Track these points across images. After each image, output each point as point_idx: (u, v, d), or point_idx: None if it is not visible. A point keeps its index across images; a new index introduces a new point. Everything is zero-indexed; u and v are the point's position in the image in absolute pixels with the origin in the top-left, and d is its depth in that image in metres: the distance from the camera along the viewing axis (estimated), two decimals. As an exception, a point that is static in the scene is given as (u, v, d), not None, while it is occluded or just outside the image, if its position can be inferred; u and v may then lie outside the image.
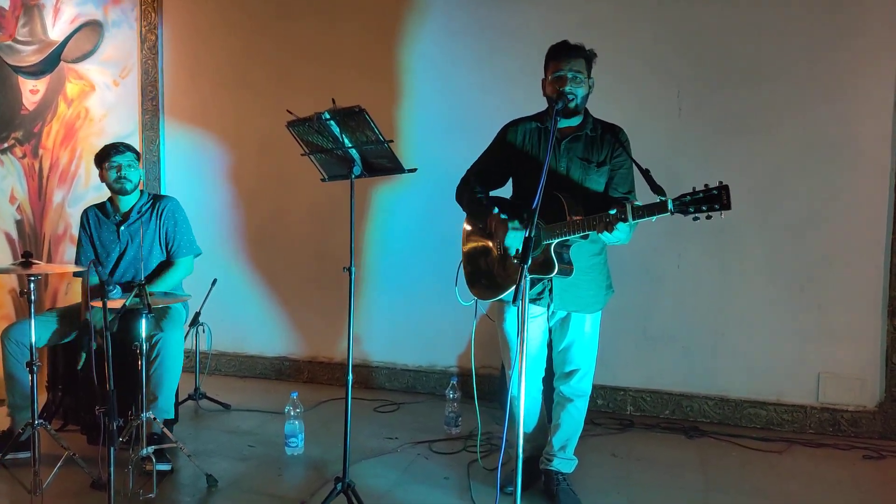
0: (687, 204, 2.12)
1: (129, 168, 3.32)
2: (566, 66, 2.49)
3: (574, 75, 2.48)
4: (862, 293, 3.55)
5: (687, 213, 2.13)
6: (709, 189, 2.09)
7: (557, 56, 2.53)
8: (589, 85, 2.55)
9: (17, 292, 5.08)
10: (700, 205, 2.10)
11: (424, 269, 4.12)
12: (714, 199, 2.08)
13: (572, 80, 2.48)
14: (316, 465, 3.14)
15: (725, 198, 2.06)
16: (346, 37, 4.25)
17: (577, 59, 2.50)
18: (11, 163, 5.06)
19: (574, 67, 2.49)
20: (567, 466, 2.81)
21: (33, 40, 4.93)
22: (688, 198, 2.12)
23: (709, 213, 2.09)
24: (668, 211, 2.14)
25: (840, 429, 3.59)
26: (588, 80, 2.54)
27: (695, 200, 2.11)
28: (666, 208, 2.15)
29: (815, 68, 3.53)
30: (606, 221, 2.25)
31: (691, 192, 2.12)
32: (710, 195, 2.08)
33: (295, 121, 2.52)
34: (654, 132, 3.69)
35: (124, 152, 3.33)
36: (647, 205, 2.20)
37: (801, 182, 3.58)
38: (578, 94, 2.49)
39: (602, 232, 2.27)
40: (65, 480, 2.80)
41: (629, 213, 2.21)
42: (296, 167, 3.49)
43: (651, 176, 2.25)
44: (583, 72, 2.51)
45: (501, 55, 3.94)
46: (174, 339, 3.16)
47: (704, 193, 2.10)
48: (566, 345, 2.69)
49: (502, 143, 2.71)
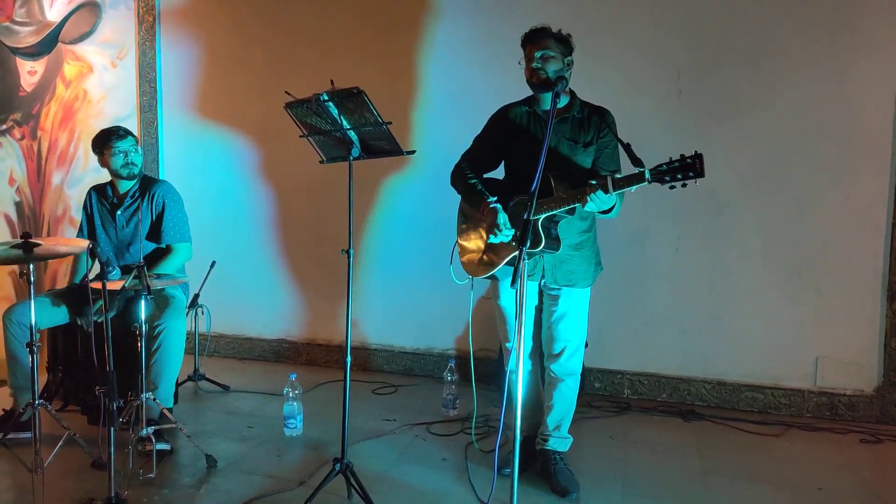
0: (663, 173, 2.23)
1: (134, 153, 3.32)
2: (535, 48, 2.59)
3: (542, 53, 2.57)
4: (861, 277, 3.55)
5: (664, 182, 2.24)
6: (683, 158, 2.20)
7: (527, 42, 2.63)
8: (564, 62, 2.61)
9: (16, 274, 5.09)
10: (675, 173, 2.21)
11: (422, 252, 4.12)
12: (688, 167, 2.19)
13: (540, 59, 2.57)
14: (314, 445, 3.16)
15: (699, 165, 2.17)
16: (343, 19, 4.22)
17: (544, 39, 2.59)
18: (10, 144, 5.04)
19: (542, 47, 2.57)
20: (562, 445, 2.85)
21: (31, 21, 4.90)
22: (664, 167, 2.24)
23: (684, 181, 2.21)
24: (645, 180, 2.26)
25: (837, 413, 3.61)
26: (563, 58, 2.60)
27: (671, 170, 2.22)
28: (643, 178, 2.26)
29: (816, 50, 3.51)
30: (587, 192, 2.34)
31: (668, 161, 2.23)
32: (685, 164, 2.20)
33: (293, 102, 2.51)
34: (653, 115, 3.68)
35: (125, 136, 3.32)
36: (626, 175, 2.33)
37: (801, 165, 3.57)
38: (549, 69, 2.56)
39: (586, 203, 2.36)
40: (65, 460, 2.83)
41: (610, 183, 2.31)
42: (294, 149, 3.47)
43: (632, 149, 2.32)
44: (552, 49, 2.58)
45: (500, 38, 3.90)
46: (176, 328, 3.16)
47: (680, 162, 2.20)
48: (554, 320, 2.74)
49: (495, 128, 2.80)
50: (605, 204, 2.37)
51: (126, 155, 3.29)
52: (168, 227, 3.37)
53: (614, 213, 2.51)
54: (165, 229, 3.36)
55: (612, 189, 2.31)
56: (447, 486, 2.78)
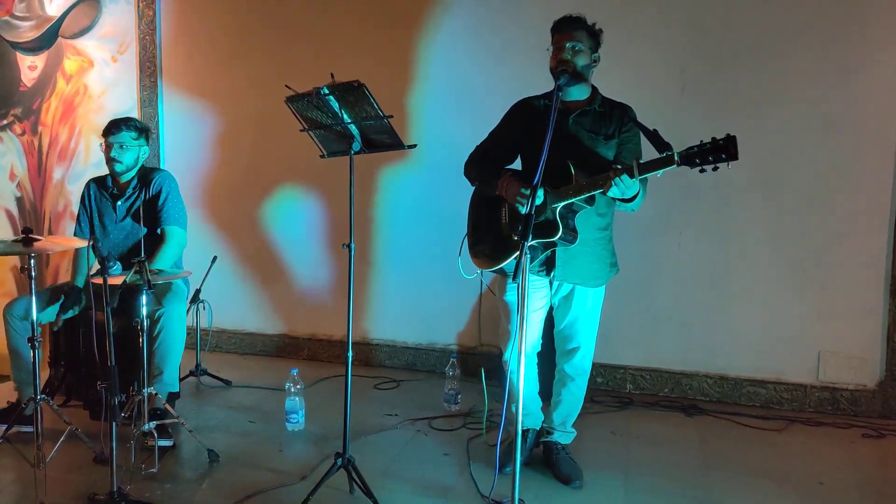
0: (694, 155, 2.14)
1: (121, 149, 3.27)
2: (566, 38, 2.50)
3: (573, 45, 2.49)
4: (864, 272, 3.54)
5: (694, 165, 2.13)
6: (715, 140, 2.10)
7: (559, 29, 2.55)
8: (592, 57, 2.55)
9: (17, 269, 5.09)
10: (707, 155, 2.11)
11: (425, 247, 4.12)
12: (721, 149, 2.09)
13: (570, 50, 2.49)
14: (316, 440, 3.16)
15: (733, 148, 2.08)
16: (342, 13, 4.21)
17: (576, 30, 2.52)
18: (11, 140, 5.03)
19: (574, 38, 2.50)
20: (566, 438, 2.87)
21: (31, 16, 4.88)
22: (695, 149, 2.14)
23: (716, 163, 2.10)
24: (674, 163, 2.15)
25: (840, 408, 3.60)
26: (591, 53, 2.54)
27: (702, 152, 2.12)
28: (672, 160, 2.15)
29: (821, 45, 3.49)
30: (612, 177, 2.24)
31: (699, 143, 2.14)
32: (717, 145, 2.10)
33: (294, 96, 2.50)
34: (657, 109, 3.63)
35: (121, 131, 3.28)
36: (654, 159, 2.21)
37: (806, 160, 3.56)
38: (578, 63, 2.50)
39: (610, 188, 2.25)
40: (68, 455, 2.82)
41: (635, 168, 2.22)
42: (295, 143, 3.46)
43: (659, 134, 2.21)
44: (582, 42, 2.51)
45: (501, 33, 3.89)
46: (176, 312, 3.16)
47: (711, 144, 2.11)
48: (569, 321, 2.70)
49: (512, 120, 2.72)
50: (630, 190, 2.25)
51: (110, 149, 3.28)
52: (163, 211, 3.33)
53: (637, 204, 2.42)
54: (161, 212, 3.34)
55: (637, 173, 2.21)
56: (449, 481, 2.77)
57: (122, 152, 3.28)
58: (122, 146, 3.28)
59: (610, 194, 2.29)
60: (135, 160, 3.33)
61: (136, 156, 3.33)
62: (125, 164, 3.30)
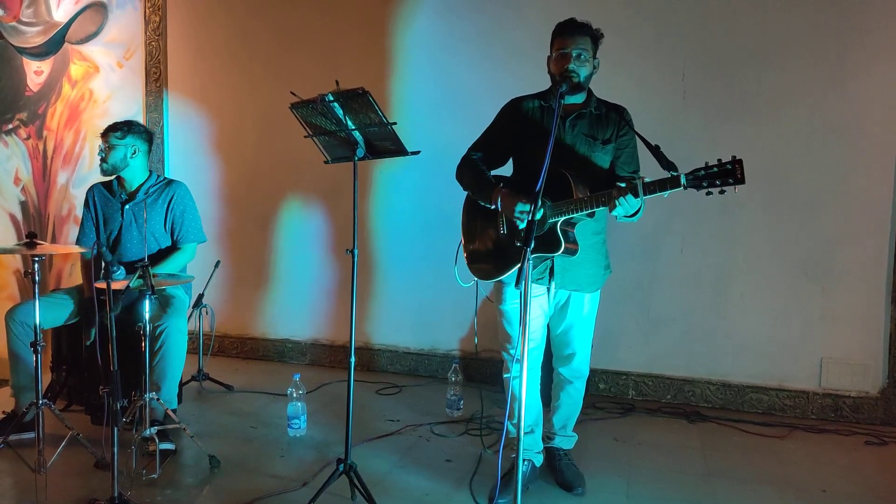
0: (701, 178, 2.12)
1: (108, 149, 3.30)
2: (571, 45, 2.45)
3: (579, 53, 2.44)
4: (866, 278, 3.53)
5: (700, 188, 2.12)
6: (722, 163, 2.09)
7: (563, 33, 2.49)
8: (594, 65, 2.51)
9: (21, 273, 5.10)
10: (714, 179, 2.10)
11: (427, 252, 4.12)
12: (728, 173, 2.08)
13: (576, 59, 2.44)
14: (318, 446, 3.16)
15: (739, 172, 2.07)
16: (345, 21, 4.22)
17: (583, 37, 2.47)
18: (16, 144, 5.06)
19: (580, 45, 2.45)
20: (568, 443, 2.86)
21: (38, 21, 4.91)
22: (702, 172, 2.13)
23: (722, 187, 2.10)
24: (680, 185, 2.14)
25: (842, 414, 3.59)
26: (593, 60, 2.51)
27: (709, 175, 2.11)
28: (679, 183, 2.14)
29: (821, 52, 3.49)
30: (615, 196, 2.22)
31: (705, 166, 2.12)
32: (725, 169, 2.09)
33: (298, 103, 2.50)
34: (658, 115, 3.65)
35: (108, 133, 3.32)
36: (660, 179, 2.18)
37: (806, 165, 3.56)
38: (582, 73, 2.45)
39: (614, 208, 2.24)
40: (69, 460, 2.83)
41: (640, 188, 2.19)
42: (298, 148, 3.47)
43: (661, 152, 2.21)
44: (588, 50, 2.47)
45: (494, 35, 3.91)
46: (177, 328, 3.14)
47: (718, 167, 2.10)
48: (565, 327, 2.69)
49: (506, 120, 2.67)
50: (633, 208, 2.25)
51: (100, 149, 3.33)
52: (182, 226, 3.38)
53: (637, 216, 2.39)
54: (181, 228, 3.38)
55: (642, 193, 2.19)
56: (451, 488, 2.77)
57: (109, 152, 3.31)
58: (110, 147, 3.31)
59: (614, 213, 2.28)
60: (122, 158, 3.32)
61: (124, 154, 3.31)
62: (110, 163, 3.32)
